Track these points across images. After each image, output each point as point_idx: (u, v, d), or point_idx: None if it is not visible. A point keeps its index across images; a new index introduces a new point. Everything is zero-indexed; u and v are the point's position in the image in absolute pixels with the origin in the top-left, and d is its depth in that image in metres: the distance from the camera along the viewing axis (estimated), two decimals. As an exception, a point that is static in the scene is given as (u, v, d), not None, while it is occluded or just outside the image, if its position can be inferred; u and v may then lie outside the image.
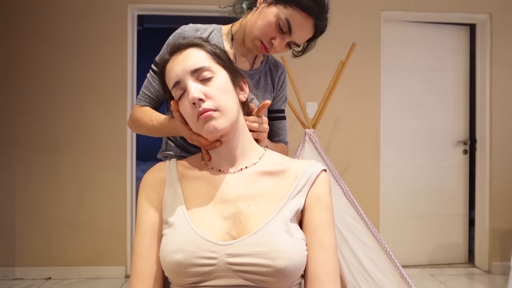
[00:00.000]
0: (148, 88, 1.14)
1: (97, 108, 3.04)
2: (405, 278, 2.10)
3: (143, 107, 1.14)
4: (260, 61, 1.22)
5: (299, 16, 1.03)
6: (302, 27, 1.05)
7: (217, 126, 0.84)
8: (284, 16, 1.03)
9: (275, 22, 1.04)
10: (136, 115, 1.13)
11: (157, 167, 0.94)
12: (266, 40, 1.07)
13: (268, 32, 1.05)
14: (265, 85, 1.21)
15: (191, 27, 1.14)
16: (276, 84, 1.24)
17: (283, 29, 1.04)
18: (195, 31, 1.13)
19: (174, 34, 1.14)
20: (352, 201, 2.20)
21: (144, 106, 1.14)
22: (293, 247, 0.79)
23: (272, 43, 1.06)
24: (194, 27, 1.14)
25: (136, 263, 0.86)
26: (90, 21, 3.05)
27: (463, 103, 3.45)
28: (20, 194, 3.02)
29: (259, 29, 1.06)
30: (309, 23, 1.05)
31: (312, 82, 2.99)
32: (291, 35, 1.06)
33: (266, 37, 1.06)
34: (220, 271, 0.78)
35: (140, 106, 1.14)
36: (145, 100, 1.14)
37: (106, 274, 3.01)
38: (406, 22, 3.33)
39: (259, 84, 1.19)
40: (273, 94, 1.24)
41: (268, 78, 1.22)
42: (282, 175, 0.89)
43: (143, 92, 1.15)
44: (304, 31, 1.06)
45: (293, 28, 1.04)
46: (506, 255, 3.13)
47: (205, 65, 0.87)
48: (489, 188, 3.21)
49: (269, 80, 1.22)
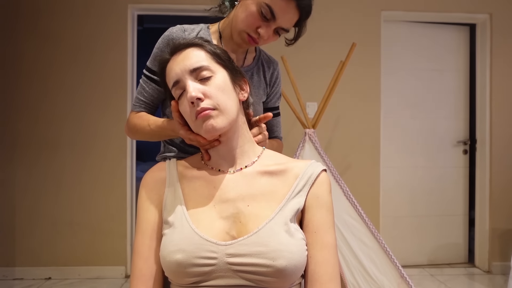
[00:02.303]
0: (142, 94, 1.14)
1: (97, 108, 3.04)
2: (405, 278, 2.10)
3: (139, 113, 1.14)
4: (253, 58, 1.21)
5: (279, 0, 1.02)
6: (285, 10, 1.03)
7: (216, 125, 0.84)
8: (265, 3, 1.02)
9: (257, 10, 1.03)
10: (132, 121, 1.13)
11: (157, 167, 0.94)
12: (252, 31, 1.06)
13: (252, 22, 1.05)
14: (258, 82, 1.21)
15: (178, 28, 1.14)
16: (269, 80, 1.24)
17: (266, 16, 1.03)
18: (182, 31, 1.13)
19: (162, 36, 1.14)
20: (352, 201, 2.20)
21: (140, 112, 1.14)
22: (293, 247, 0.79)
23: (259, 32, 1.05)
24: (182, 27, 1.14)
25: (136, 263, 0.86)
26: (90, 21, 3.05)
27: (463, 103, 3.45)
28: (20, 194, 3.02)
29: (242, 21, 1.06)
30: (291, 5, 1.03)
31: (312, 82, 2.99)
32: (275, 20, 1.04)
33: (252, 28, 1.05)
34: (220, 271, 0.78)
35: (136, 112, 1.14)
36: (140, 106, 1.14)
37: (106, 274, 3.00)
38: (406, 22, 3.33)
39: (252, 81, 1.19)
40: (267, 90, 1.24)
41: (261, 75, 1.22)
42: (282, 175, 0.89)
43: (138, 98, 1.15)
44: (288, 14, 1.04)
45: (276, 13, 1.03)
46: (506, 255, 3.12)
47: (204, 65, 0.87)
48: (489, 188, 3.21)
49: (262, 77, 1.22)
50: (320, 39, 3.11)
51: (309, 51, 3.08)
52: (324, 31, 3.12)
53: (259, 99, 1.21)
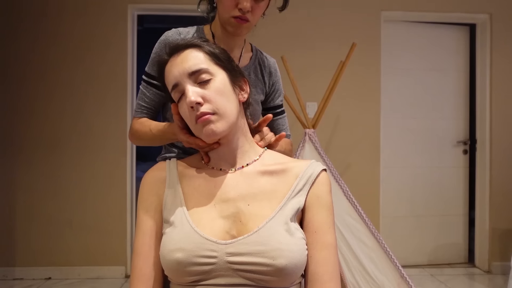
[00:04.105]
0: (143, 99, 1.15)
1: (97, 108, 3.04)
2: (405, 278, 2.10)
3: (141, 119, 1.14)
4: (249, 57, 1.22)
5: None
6: None
7: (216, 130, 0.84)
8: None
9: None
10: (135, 127, 1.14)
11: (157, 167, 0.94)
12: (235, 12, 1.06)
13: (229, 4, 1.06)
14: (256, 81, 1.21)
15: (173, 32, 1.15)
16: (268, 79, 1.24)
17: None
18: (178, 34, 1.14)
19: (158, 41, 1.15)
20: (352, 201, 2.20)
21: (142, 118, 1.15)
22: (293, 246, 0.79)
23: (242, 9, 1.05)
24: (177, 31, 1.15)
25: (136, 263, 0.86)
26: (90, 21, 3.05)
27: (463, 103, 3.45)
28: (20, 194, 3.02)
29: (223, 10, 1.08)
30: None
31: (312, 82, 2.99)
32: None
33: (232, 9, 1.06)
34: (220, 270, 0.77)
35: (138, 118, 1.15)
36: (141, 112, 1.15)
37: (106, 274, 3.01)
38: (406, 22, 3.33)
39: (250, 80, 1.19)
40: (265, 90, 1.24)
41: (258, 74, 1.22)
42: (283, 175, 0.89)
43: (139, 104, 1.16)
44: None
45: None
46: (506, 255, 3.12)
47: (202, 67, 0.86)
48: (489, 188, 3.21)
49: (260, 76, 1.22)
50: (320, 39, 3.11)
51: (309, 51, 3.09)
52: (324, 31, 3.12)
53: (257, 98, 1.21)
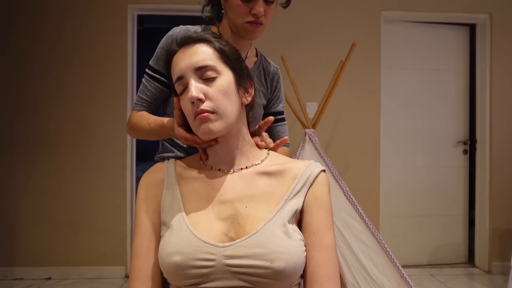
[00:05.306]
0: (144, 92, 1.15)
1: (97, 108, 3.04)
2: (405, 278, 2.10)
3: (140, 112, 1.14)
4: (254, 62, 1.22)
5: None
6: None
7: (212, 129, 0.83)
8: None
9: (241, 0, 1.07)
10: (133, 120, 1.14)
11: (155, 168, 0.94)
12: (249, 17, 1.09)
13: (243, 11, 1.08)
14: (259, 85, 1.21)
15: (181, 29, 1.14)
16: (270, 85, 1.24)
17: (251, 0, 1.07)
18: (186, 32, 1.13)
19: (166, 36, 1.14)
20: (352, 201, 2.20)
21: (141, 111, 1.14)
22: (291, 248, 0.78)
23: (255, 14, 1.08)
24: (185, 28, 1.15)
25: (135, 264, 0.86)
26: (90, 21, 3.05)
27: (463, 103, 3.45)
28: (20, 194, 3.02)
29: (236, 16, 1.09)
30: None
31: (312, 82, 2.99)
32: None
33: (246, 15, 1.08)
34: (218, 273, 0.77)
35: (137, 111, 1.15)
36: (141, 105, 1.14)
37: (106, 274, 3.01)
38: (406, 22, 3.33)
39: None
40: (268, 95, 1.25)
41: (262, 79, 1.22)
42: (281, 176, 0.88)
43: (140, 97, 1.15)
44: None
45: None
46: (506, 255, 3.12)
47: (210, 64, 0.85)
48: (489, 188, 3.21)
49: (263, 80, 1.23)
50: (320, 39, 3.11)
51: (309, 51, 3.08)
52: (324, 31, 3.12)
53: (259, 102, 1.21)
